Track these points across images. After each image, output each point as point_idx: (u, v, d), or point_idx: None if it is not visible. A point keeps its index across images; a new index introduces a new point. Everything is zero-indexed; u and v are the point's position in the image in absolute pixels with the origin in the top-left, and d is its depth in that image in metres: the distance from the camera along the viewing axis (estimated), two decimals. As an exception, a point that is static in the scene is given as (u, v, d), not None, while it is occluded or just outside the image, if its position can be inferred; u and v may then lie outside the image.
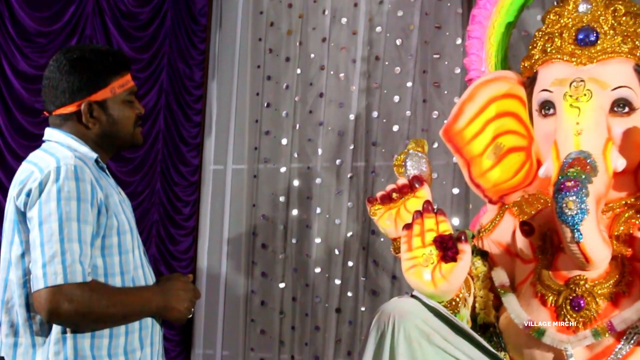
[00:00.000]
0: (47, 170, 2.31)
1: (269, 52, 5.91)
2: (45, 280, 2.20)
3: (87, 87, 2.45)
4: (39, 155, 2.41)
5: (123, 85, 2.51)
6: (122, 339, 2.39)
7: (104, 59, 2.49)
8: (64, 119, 2.47)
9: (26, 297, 2.34)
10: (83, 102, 2.44)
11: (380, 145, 5.46)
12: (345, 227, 5.52)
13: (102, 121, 2.48)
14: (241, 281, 5.88)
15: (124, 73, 2.53)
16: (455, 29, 5.27)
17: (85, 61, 2.46)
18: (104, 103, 2.47)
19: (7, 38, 4.69)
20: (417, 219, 2.65)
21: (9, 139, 4.70)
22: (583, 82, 2.83)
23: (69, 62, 2.46)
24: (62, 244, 2.22)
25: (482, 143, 3.12)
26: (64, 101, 2.45)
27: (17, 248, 2.35)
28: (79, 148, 2.43)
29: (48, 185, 2.28)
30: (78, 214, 2.25)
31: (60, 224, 2.23)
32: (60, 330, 2.31)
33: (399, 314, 2.54)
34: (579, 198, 2.54)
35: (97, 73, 2.46)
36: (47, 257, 2.21)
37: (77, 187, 2.28)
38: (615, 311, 2.72)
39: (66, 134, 2.46)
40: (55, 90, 2.45)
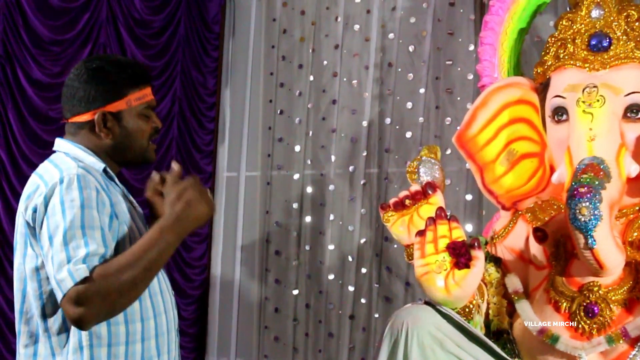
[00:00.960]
0: (51, 183, 2.30)
1: (282, 59, 5.92)
2: (61, 289, 2.18)
3: (103, 97, 2.44)
4: (45, 167, 2.41)
5: (140, 99, 2.50)
6: (139, 346, 2.38)
7: (122, 71, 2.48)
8: (78, 127, 2.48)
9: (42, 308, 2.34)
10: (97, 111, 2.44)
11: (393, 151, 5.46)
12: (359, 234, 5.52)
13: (115, 132, 2.47)
14: (255, 288, 5.89)
15: (143, 86, 2.52)
16: (467, 35, 5.27)
17: (103, 71, 2.46)
18: (119, 114, 2.46)
19: (22, 46, 4.72)
20: (430, 225, 2.65)
21: (23, 147, 4.72)
22: (596, 88, 2.82)
23: (88, 71, 2.46)
24: (67, 252, 2.20)
25: (495, 149, 3.11)
26: (79, 109, 2.46)
27: (30, 261, 2.35)
28: (85, 159, 2.43)
29: (52, 199, 2.27)
30: (82, 220, 2.24)
31: (64, 233, 2.22)
32: (78, 340, 2.31)
33: (412, 321, 2.53)
34: (593, 204, 2.53)
35: (114, 84, 2.46)
36: (56, 267, 2.20)
37: (80, 195, 2.27)
38: (630, 317, 2.72)
39: (74, 145, 2.46)
40: (72, 99, 2.46)
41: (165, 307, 2.48)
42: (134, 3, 5.38)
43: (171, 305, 2.53)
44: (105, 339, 2.32)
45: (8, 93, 4.78)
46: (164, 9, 5.62)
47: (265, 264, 5.87)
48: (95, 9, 5.12)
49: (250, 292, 5.92)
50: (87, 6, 5.06)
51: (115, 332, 2.33)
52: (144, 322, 2.39)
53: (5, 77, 4.76)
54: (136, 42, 5.41)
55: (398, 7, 5.50)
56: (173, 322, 2.52)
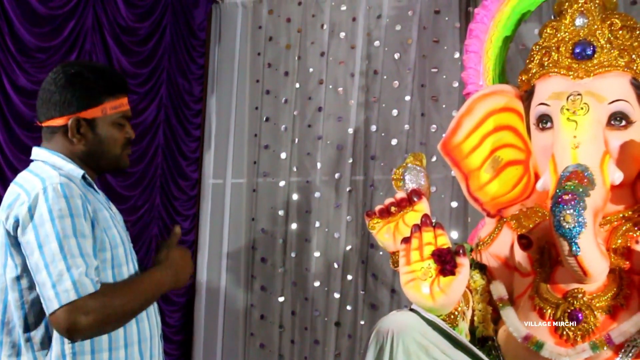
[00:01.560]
0: (34, 193, 2.29)
1: (268, 66, 5.92)
2: (59, 299, 2.20)
3: (78, 103, 2.44)
4: (25, 177, 2.40)
5: (116, 108, 2.49)
6: (122, 352, 2.38)
7: (100, 78, 2.48)
8: (51, 131, 2.47)
9: (24, 319, 2.33)
10: (72, 117, 2.44)
11: (379, 159, 5.47)
12: (345, 241, 5.52)
13: (88, 139, 2.46)
14: (240, 295, 5.87)
15: (120, 95, 2.51)
16: (453, 43, 5.29)
17: (81, 77, 2.46)
18: (93, 121, 2.46)
19: (7, 53, 4.70)
20: (416, 232, 2.66)
21: (8, 154, 4.70)
22: (580, 96, 2.84)
23: (66, 76, 2.45)
24: (65, 261, 2.21)
25: (480, 156, 3.13)
26: (53, 114, 2.45)
27: (11, 271, 2.34)
28: (64, 166, 2.42)
29: (38, 209, 2.27)
30: (74, 229, 2.25)
31: (59, 242, 2.23)
32: (60, 350, 2.30)
33: (397, 328, 2.54)
34: (577, 211, 2.55)
35: (90, 90, 2.45)
36: (55, 277, 2.20)
37: (68, 204, 2.27)
38: (614, 324, 2.73)
39: (52, 152, 2.45)
40: (48, 102, 2.45)
41: (147, 313, 2.48)
42: (119, 10, 5.37)
43: (154, 310, 2.53)
44: (87, 346, 2.32)
45: (-7, 100, 4.77)
46: (149, 16, 5.61)
47: (251, 270, 5.86)
48: (81, 16, 5.10)
49: (235, 299, 5.91)
50: (72, 13, 5.04)
51: (98, 339, 2.33)
52: (126, 328, 2.39)
53: (-10, 84, 4.74)
54: (122, 49, 5.40)
55: (384, 15, 5.51)
56: (156, 328, 2.53)
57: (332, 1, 5.69)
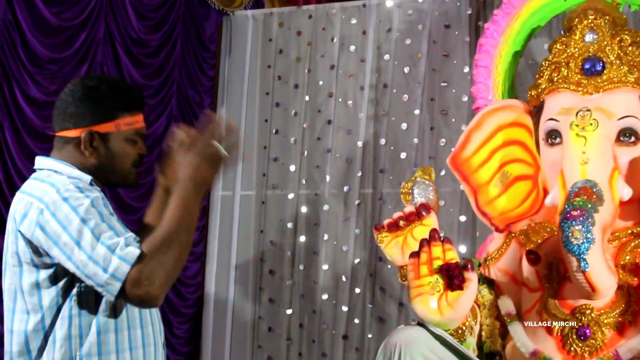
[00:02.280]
0: (47, 198, 2.28)
1: (278, 79, 5.93)
2: (117, 278, 2.14)
3: (93, 117, 2.44)
4: (33, 185, 2.39)
5: (131, 124, 2.50)
6: (128, 355, 2.38)
7: (117, 94, 2.48)
8: (64, 142, 2.48)
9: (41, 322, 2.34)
10: (85, 129, 2.45)
11: (388, 172, 5.47)
12: (353, 254, 5.51)
13: (99, 152, 2.46)
14: (248, 307, 5.87)
15: (135, 112, 2.51)
16: (462, 57, 5.29)
17: (98, 91, 2.47)
18: (106, 136, 2.46)
19: (19, 64, 4.72)
20: (424, 246, 2.66)
21: (19, 165, 4.71)
22: (589, 112, 2.85)
23: (84, 89, 2.47)
24: (106, 244, 2.15)
25: (489, 171, 3.13)
26: (68, 125, 2.46)
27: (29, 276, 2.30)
28: (71, 172, 2.42)
29: (60, 211, 2.24)
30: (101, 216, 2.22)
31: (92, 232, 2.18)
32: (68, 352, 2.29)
33: (405, 342, 2.54)
34: (585, 227, 2.55)
35: (106, 105, 2.46)
36: (102, 261, 2.16)
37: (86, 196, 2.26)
38: (622, 340, 2.73)
39: (59, 161, 2.46)
40: (64, 113, 2.46)
41: (151, 319, 2.48)
42: (131, 22, 5.39)
43: (157, 317, 2.53)
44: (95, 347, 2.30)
45: (5, 111, 4.78)
46: (160, 28, 5.63)
47: (259, 283, 5.86)
48: (93, 27, 5.13)
49: (244, 311, 5.91)
50: (84, 25, 5.06)
51: (105, 342, 2.33)
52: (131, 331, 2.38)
53: (2, 94, 4.76)
54: (133, 61, 5.42)
55: (394, 29, 5.52)
56: (160, 335, 2.53)
57: (342, 14, 5.70)
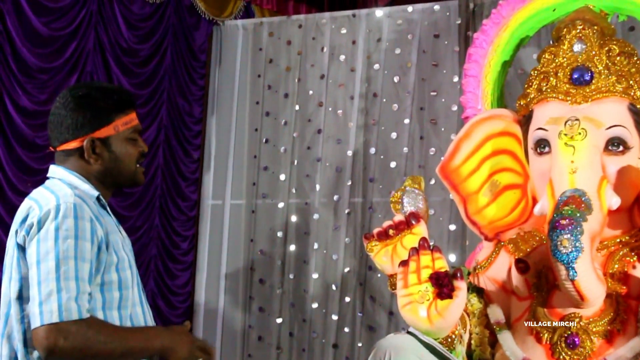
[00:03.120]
0: (46, 208, 2.31)
1: (268, 88, 5.94)
2: (42, 318, 2.21)
3: (91, 124, 2.46)
4: (41, 193, 2.42)
5: (127, 123, 2.52)
6: None
7: (108, 97, 2.50)
8: (67, 154, 2.49)
9: (24, 333, 2.34)
10: (86, 138, 2.46)
11: (378, 181, 5.48)
12: (343, 263, 5.52)
13: (104, 158, 2.49)
14: (238, 316, 5.87)
15: (129, 111, 2.54)
16: (452, 66, 5.32)
17: (89, 98, 2.48)
18: (107, 140, 2.48)
19: (9, 73, 4.72)
20: (413, 255, 2.67)
21: (9, 174, 4.71)
22: (578, 121, 2.86)
23: (74, 99, 2.48)
24: (58, 282, 2.22)
25: (478, 180, 3.14)
26: (67, 137, 2.47)
27: (14, 284, 2.35)
28: (80, 185, 2.44)
29: (47, 224, 2.29)
30: (75, 251, 2.26)
31: (57, 262, 2.24)
32: None
33: (395, 350, 2.55)
34: (574, 236, 2.56)
35: (101, 110, 2.48)
36: (44, 295, 2.22)
37: (76, 225, 2.29)
38: (610, 349, 2.73)
39: (69, 172, 2.47)
40: (60, 127, 2.47)
41: None
42: (121, 32, 5.40)
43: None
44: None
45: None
46: (150, 37, 5.64)
47: (249, 292, 5.86)
48: (83, 37, 5.14)
49: (234, 320, 5.91)
50: (74, 35, 5.07)
51: None
52: None
53: (-8, 104, 4.76)
54: (123, 71, 5.43)
55: (383, 39, 5.54)
56: None
57: (332, 24, 5.72)
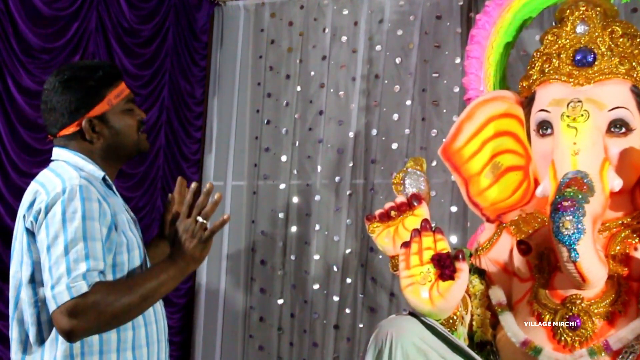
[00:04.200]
0: (53, 192, 2.31)
1: (270, 69, 5.93)
2: (56, 301, 2.21)
3: (84, 104, 2.45)
4: (47, 176, 2.42)
5: (119, 95, 2.51)
6: (130, 354, 2.38)
7: (94, 73, 2.48)
8: (68, 139, 2.48)
9: (37, 316, 2.34)
10: (83, 119, 2.45)
11: (379, 162, 5.48)
12: (344, 244, 5.52)
13: (105, 135, 2.48)
14: (240, 297, 5.88)
15: (117, 83, 2.52)
16: (454, 48, 5.30)
17: (77, 79, 2.46)
18: (104, 116, 2.47)
19: (11, 54, 4.71)
20: (415, 237, 2.67)
21: (12, 155, 4.71)
22: (580, 103, 2.85)
23: (61, 83, 2.46)
24: (67, 263, 2.22)
25: (480, 162, 3.14)
26: (64, 122, 2.46)
27: (27, 268, 2.35)
28: (85, 167, 2.44)
29: (54, 208, 2.28)
30: (84, 232, 2.26)
31: (66, 245, 2.24)
32: (68, 348, 2.31)
33: (396, 332, 2.55)
34: (576, 218, 2.56)
35: (91, 88, 2.46)
36: (55, 278, 2.22)
37: (83, 206, 2.29)
38: (612, 330, 2.74)
39: (73, 153, 2.46)
40: (54, 113, 2.46)
41: (155, 316, 2.49)
42: (123, 12, 5.38)
43: (162, 315, 2.55)
44: (96, 346, 2.33)
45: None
46: (152, 18, 5.62)
47: (250, 273, 5.87)
48: (85, 17, 5.12)
49: (235, 301, 5.92)
50: (76, 15, 5.05)
51: (107, 340, 2.34)
52: (135, 330, 2.40)
53: (-6, 84, 4.75)
54: (125, 51, 5.41)
55: (385, 20, 5.52)
56: (163, 332, 2.54)
57: (334, 5, 5.70)
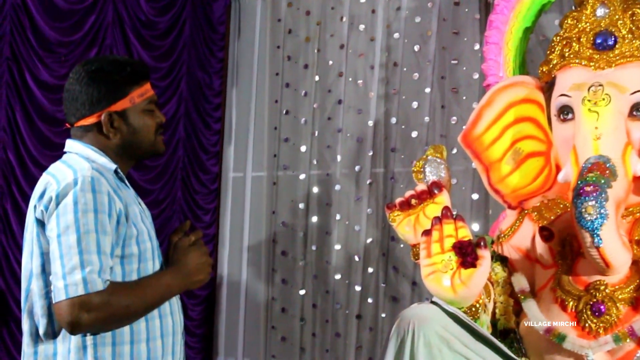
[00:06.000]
0: (64, 182, 2.32)
1: (288, 59, 5.91)
2: (67, 291, 2.22)
3: (107, 98, 2.46)
4: (58, 167, 2.43)
5: (142, 95, 2.52)
6: (144, 346, 2.40)
7: (122, 69, 2.49)
8: (85, 130, 2.49)
9: (48, 308, 2.35)
10: (103, 112, 2.46)
11: (399, 151, 5.45)
12: (365, 234, 5.51)
13: (122, 131, 2.49)
14: (261, 288, 5.89)
15: (143, 82, 2.53)
16: (473, 34, 5.26)
17: (103, 72, 2.47)
18: (124, 113, 2.48)
19: (29, 48, 4.73)
20: (436, 225, 2.65)
21: (31, 148, 4.73)
22: (601, 87, 2.83)
23: (88, 74, 2.47)
24: (80, 255, 2.23)
25: (501, 148, 3.12)
26: (84, 113, 2.47)
27: (37, 259, 2.36)
28: (97, 159, 2.45)
29: (65, 199, 2.29)
30: (96, 225, 2.27)
31: (78, 236, 2.25)
32: (81, 339, 2.32)
33: (418, 321, 2.54)
34: (599, 203, 2.53)
35: (116, 83, 2.47)
36: (67, 269, 2.23)
37: (94, 198, 2.29)
38: (636, 316, 2.72)
39: (86, 145, 2.47)
40: (76, 103, 2.47)
41: (171, 309, 2.49)
42: (139, 4, 5.39)
43: (177, 307, 2.55)
44: (109, 337, 2.34)
45: (15, 95, 4.80)
46: (169, 10, 5.63)
47: (271, 264, 5.87)
48: (102, 10, 5.13)
49: (257, 292, 5.93)
50: (93, 8, 5.07)
51: (120, 332, 2.35)
52: (149, 321, 2.41)
53: (12, 78, 4.77)
54: (142, 44, 5.42)
55: (403, 7, 5.49)
56: (179, 325, 2.54)
57: (351, -7, 5.68)
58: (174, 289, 2.46)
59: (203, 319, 5.98)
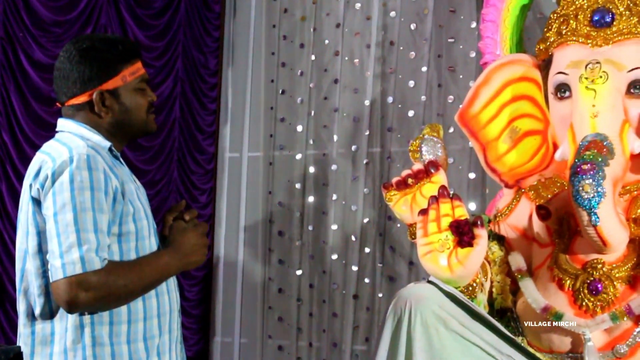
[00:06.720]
0: (59, 160, 2.31)
1: (283, 38, 5.90)
2: (64, 270, 2.22)
3: (98, 76, 2.45)
4: (52, 146, 2.42)
5: (134, 73, 2.51)
6: (141, 325, 2.40)
7: (113, 48, 2.48)
8: (76, 109, 2.48)
9: (45, 287, 2.35)
10: (95, 91, 2.45)
11: (396, 130, 5.45)
12: (362, 214, 5.51)
13: (114, 110, 2.48)
14: (258, 269, 5.89)
15: (135, 61, 2.53)
16: (469, 12, 5.24)
17: (94, 50, 2.46)
18: (116, 91, 2.47)
19: (23, 28, 4.70)
20: (433, 204, 2.64)
21: (25, 128, 4.72)
22: (599, 64, 2.81)
23: (79, 52, 2.46)
24: (77, 234, 2.23)
25: (498, 127, 3.10)
26: (75, 91, 2.46)
27: (33, 238, 2.36)
28: (92, 137, 2.44)
29: (61, 176, 2.28)
30: (92, 203, 2.27)
31: (75, 214, 2.24)
32: (78, 318, 2.32)
33: (415, 300, 2.53)
34: (596, 181, 2.52)
35: (107, 62, 2.46)
36: (64, 247, 2.23)
37: (90, 176, 2.29)
38: (634, 294, 2.72)
39: (79, 124, 2.47)
40: (67, 81, 2.46)
41: (168, 287, 2.50)
42: (134, -17, 5.36)
43: (174, 286, 2.55)
44: (106, 316, 2.35)
45: (10, 75, 4.77)
46: (164, -12, 5.61)
47: (268, 244, 5.87)
48: (96, -11, 5.11)
49: (253, 272, 5.93)
50: (87, -14, 5.05)
51: (117, 311, 2.36)
52: (146, 300, 2.41)
53: (6, 58, 4.75)
54: (137, 23, 5.39)
55: (399, -15, 5.48)
56: (175, 303, 2.54)
57: (347, -28, 5.65)
58: (171, 269, 2.46)
59: (200, 299, 5.98)
